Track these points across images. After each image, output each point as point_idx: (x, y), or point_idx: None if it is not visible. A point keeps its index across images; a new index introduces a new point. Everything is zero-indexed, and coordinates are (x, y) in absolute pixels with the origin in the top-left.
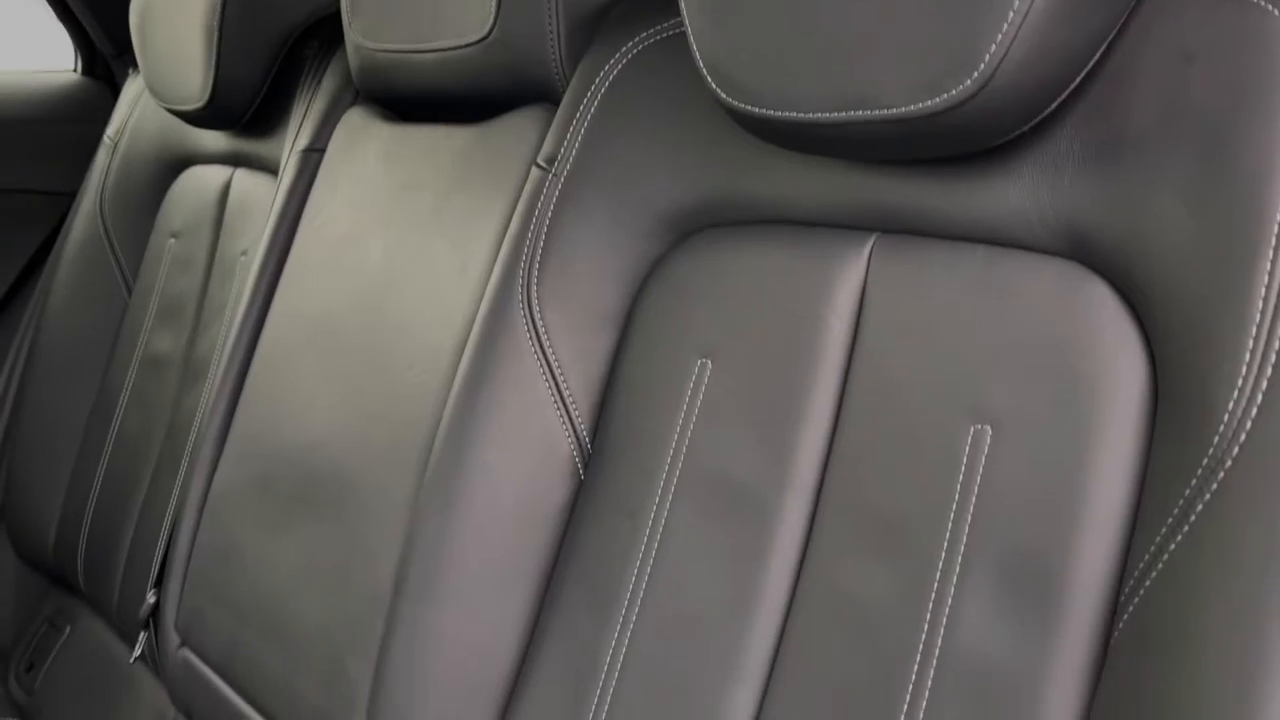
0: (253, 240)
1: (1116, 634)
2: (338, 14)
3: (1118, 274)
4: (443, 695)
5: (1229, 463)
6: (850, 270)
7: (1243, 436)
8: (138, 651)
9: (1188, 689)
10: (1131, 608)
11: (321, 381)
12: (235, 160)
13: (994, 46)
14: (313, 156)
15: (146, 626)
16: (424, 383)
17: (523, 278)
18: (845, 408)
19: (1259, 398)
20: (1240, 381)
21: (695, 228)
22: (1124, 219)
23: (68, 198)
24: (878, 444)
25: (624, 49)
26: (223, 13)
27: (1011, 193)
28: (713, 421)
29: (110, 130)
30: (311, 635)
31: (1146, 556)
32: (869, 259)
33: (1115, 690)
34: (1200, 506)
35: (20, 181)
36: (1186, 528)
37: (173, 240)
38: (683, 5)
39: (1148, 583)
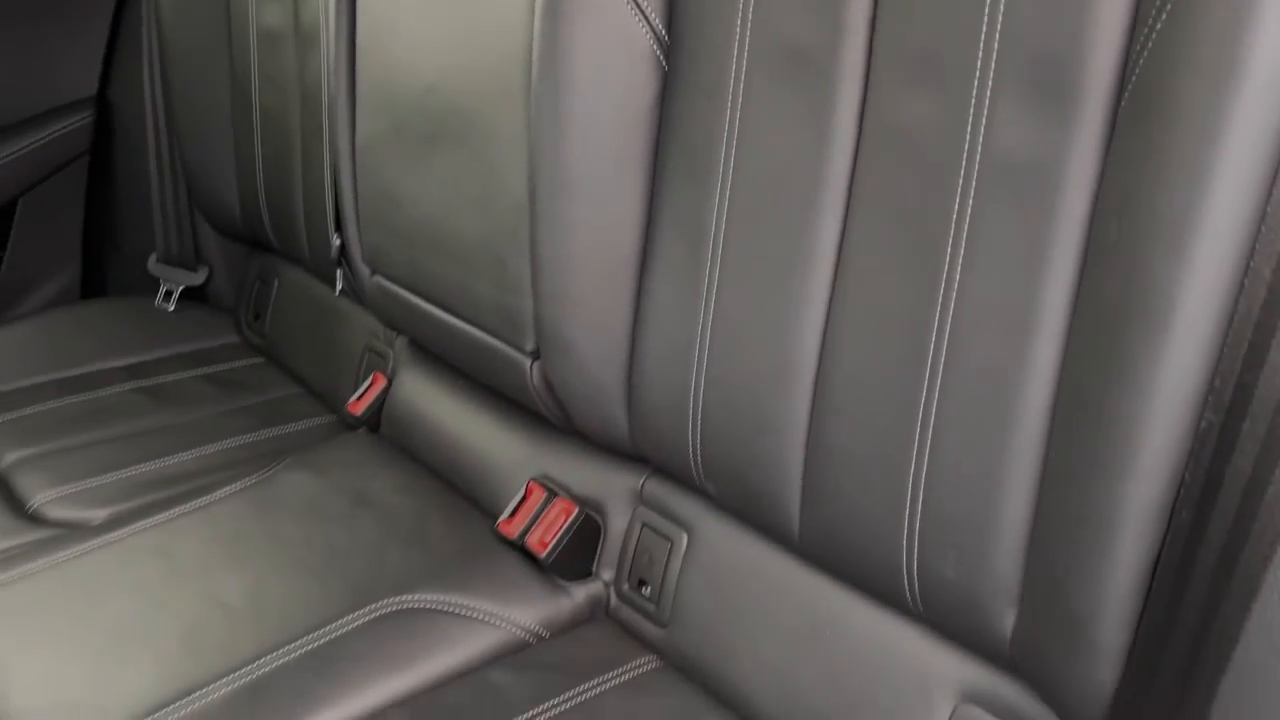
0: None
1: (1120, 113)
2: None
3: None
4: (589, 272)
5: None
6: None
7: None
8: (339, 286)
9: (1161, 144)
10: (1130, 86)
11: (422, 29)
12: None
13: None
14: None
15: (340, 265)
16: (509, 13)
17: None
18: None
19: None
20: None
21: None
22: None
23: None
24: None
25: None
26: None
27: None
28: None
29: None
30: (474, 246)
31: (1140, 39)
32: None
33: (1117, 162)
34: None
35: None
36: (1169, 8)
37: None
38: None
39: (1141, 62)
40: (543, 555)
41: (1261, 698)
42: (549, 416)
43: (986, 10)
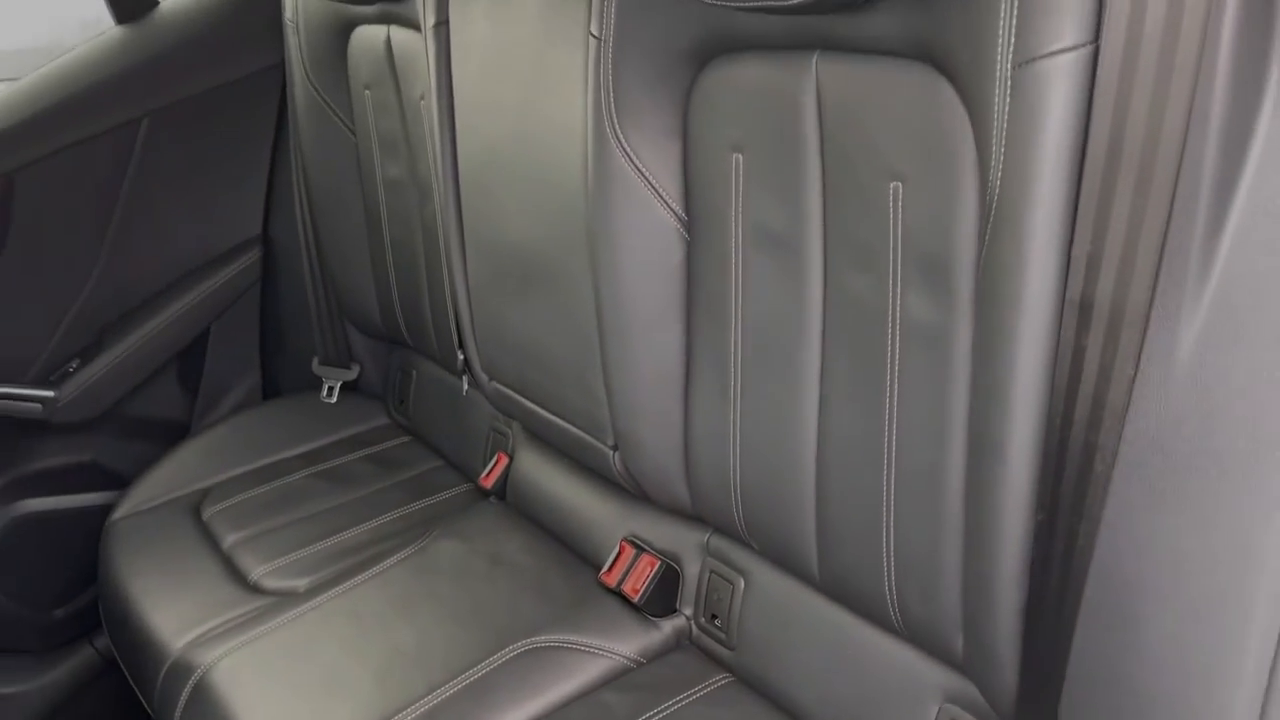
0: (423, 88)
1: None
2: None
3: (949, 70)
4: (647, 389)
5: (997, 194)
6: (808, 75)
7: (999, 183)
8: (465, 388)
9: (987, 342)
10: (976, 287)
11: (511, 195)
12: (387, 19)
13: None
14: (442, 30)
15: (464, 372)
16: (571, 198)
17: (608, 118)
18: (826, 174)
19: (1000, 163)
20: (994, 148)
21: (708, 57)
22: (953, 28)
23: (277, 69)
24: (848, 198)
25: None
26: None
27: (893, 20)
28: (751, 193)
29: (287, 14)
30: (564, 364)
31: (979, 261)
32: (816, 68)
33: (975, 342)
34: (989, 228)
35: (244, 68)
36: (988, 237)
37: (368, 91)
38: None
39: (979, 271)
40: (636, 599)
41: (1081, 699)
42: (631, 491)
43: (890, 219)
